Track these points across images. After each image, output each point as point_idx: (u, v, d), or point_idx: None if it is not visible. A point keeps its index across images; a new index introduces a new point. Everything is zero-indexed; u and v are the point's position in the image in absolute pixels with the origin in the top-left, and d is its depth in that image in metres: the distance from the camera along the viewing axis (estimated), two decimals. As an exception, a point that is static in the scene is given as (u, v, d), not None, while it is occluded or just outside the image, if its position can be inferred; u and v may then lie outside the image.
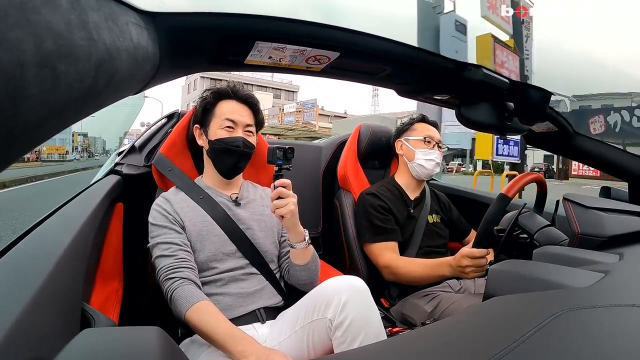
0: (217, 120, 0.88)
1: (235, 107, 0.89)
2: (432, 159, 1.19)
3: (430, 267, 1.02)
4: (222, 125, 0.87)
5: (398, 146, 1.27)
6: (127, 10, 0.33)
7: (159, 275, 0.77)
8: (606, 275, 0.50)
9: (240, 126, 0.88)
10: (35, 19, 0.19)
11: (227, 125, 0.87)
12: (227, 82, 0.92)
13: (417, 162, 1.20)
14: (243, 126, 0.89)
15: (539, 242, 0.83)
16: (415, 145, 1.22)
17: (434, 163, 1.19)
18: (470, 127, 0.79)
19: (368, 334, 0.68)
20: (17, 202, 6.83)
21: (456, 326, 0.45)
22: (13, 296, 0.37)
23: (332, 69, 0.62)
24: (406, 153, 1.24)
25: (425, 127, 1.25)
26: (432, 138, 1.22)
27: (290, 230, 0.84)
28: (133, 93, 0.40)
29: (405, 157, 1.24)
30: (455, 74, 0.66)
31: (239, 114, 0.89)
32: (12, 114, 0.18)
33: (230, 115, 0.88)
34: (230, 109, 0.89)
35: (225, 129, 0.87)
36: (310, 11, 30.60)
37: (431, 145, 1.21)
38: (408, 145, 1.23)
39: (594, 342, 0.35)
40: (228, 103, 0.90)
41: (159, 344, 0.34)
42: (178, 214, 0.84)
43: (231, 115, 0.88)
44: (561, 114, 0.89)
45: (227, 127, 0.87)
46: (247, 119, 0.90)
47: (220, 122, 0.88)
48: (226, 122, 0.87)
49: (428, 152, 1.20)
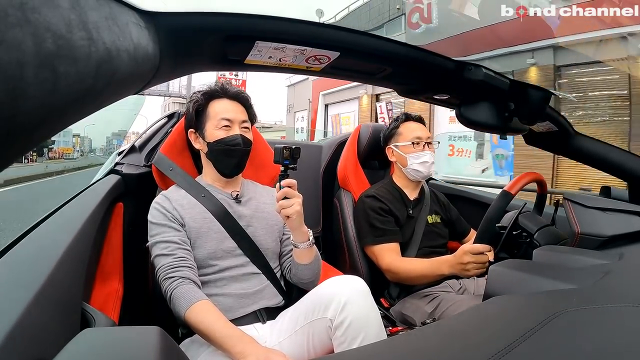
0: (212, 121, 0.87)
1: (228, 105, 0.89)
2: (426, 161, 1.18)
3: (429, 266, 1.02)
4: (219, 125, 0.86)
5: (389, 153, 1.26)
6: (127, 10, 0.33)
7: (158, 275, 0.77)
8: (606, 275, 0.50)
9: (236, 123, 0.88)
10: (35, 19, 0.19)
11: (224, 125, 0.86)
12: (215, 82, 0.91)
13: (411, 168, 1.19)
14: (239, 123, 0.88)
15: (539, 242, 0.83)
16: (405, 150, 1.20)
17: (428, 164, 1.18)
18: (470, 127, 0.79)
19: (368, 334, 0.68)
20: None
21: (456, 326, 0.45)
22: (13, 296, 0.37)
23: (332, 69, 0.62)
24: (399, 159, 1.23)
25: (410, 127, 1.22)
26: (421, 138, 1.19)
27: (295, 230, 0.84)
28: (133, 93, 0.40)
29: (398, 163, 1.23)
30: (455, 74, 0.66)
31: (234, 112, 0.88)
32: (12, 114, 0.18)
33: (225, 113, 0.87)
34: (224, 107, 0.88)
35: (222, 129, 0.86)
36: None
37: (421, 146, 1.19)
38: (399, 151, 1.21)
39: (594, 342, 0.35)
40: (220, 102, 0.89)
41: (159, 343, 0.34)
42: (177, 210, 0.84)
43: (226, 114, 0.87)
44: (561, 114, 0.89)
45: (224, 126, 0.86)
46: (241, 115, 0.89)
47: (216, 122, 0.87)
48: (222, 122, 0.86)
49: (419, 155, 1.18)
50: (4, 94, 0.17)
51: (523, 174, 0.93)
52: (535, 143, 1.04)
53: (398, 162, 1.23)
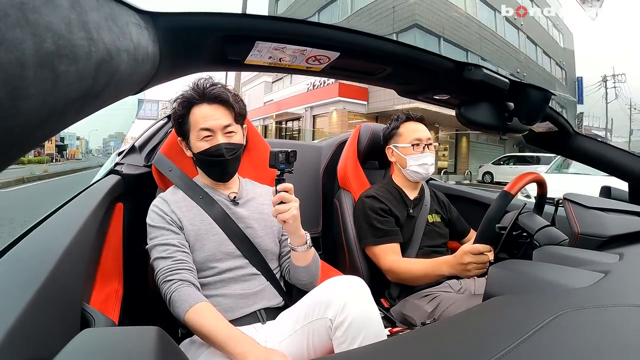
0: (194, 132, 0.84)
1: (207, 112, 0.83)
2: (425, 163, 1.17)
3: (429, 266, 1.02)
4: (200, 136, 0.83)
5: (389, 153, 1.25)
6: (127, 10, 0.33)
7: (157, 278, 0.77)
8: (606, 275, 0.50)
9: (218, 131, 0.83)
10: (35, 19, 0.19)
11: (205, 136, 0.83)
12: (192, 83, 0.85)
13: (410, 169, 1.19)
14: (221, 129, 0.83)
15: (539, 242, 0.82)
16: (405, 152, 1.19)
17: (427, 166, 1.17)
18: (470, 127, 0.79)
19: (368, 334, 0.68)
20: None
21: (456, 326, 0.45)
22: (13, 296, 0.37)
23: (333, 69, 0.62)
24: (398, 160, 1.23)
25: (411, 128, 1.21)
26: (421, 140, 1.19)
27: (292, 234, 0.84)
28: (133, 93, 0.40)
29: (398, 164, 1.23)
30: (455, 74, 0.66)
31: (213, 119, 0.83)
32: (12, 113, 0.18)
33: (204, 123, 0.82)
34: (203, 114, 0.83)
35: (204, 140, 0.83)
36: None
37: (421, 148, 1.18)
38: (398, 152, 1.21)
39: (594, 342, 0.35)
40: (199, 108, 0.83)
41: (158, 343, 0.34)
42: (176, 213, 0.84)
43: (205, 123, 0.82)
44: (561, 114, 0.89)
45: (205, 137, 0.83)
46: (223, 120, 0.83)
47: (197, 133, 0.83)
48: (203, 133, 0.82)
49: (418, 157, 1.18)
50: (5, 94, 0.17)
51: (523, 174, 0.93)
52: (535, 143, 1.04)
53: (398, 162, 1.23)
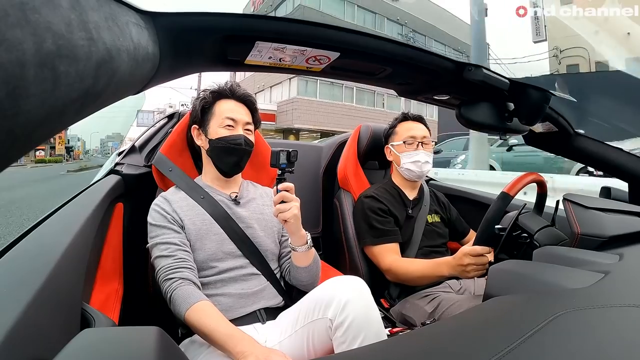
0: (216, 119, 0.89)
1: (234, 106, 0.90)
2: (418, 160, 1.18)
3: (429, 267, 1.02)
4: (223, 123, 0.88)
5: (387, 152, 1.27)
6: (127, 10, 0.33)
7: (158, 276, 0.77)
8: (606, 276, 0.50)
9: (240, 124, 0.89)
10: (35, 19, 0.19)
11: (228, 124, 0.88)
12: (225, 82, 0.93)
13: (404, 167, 1.20)
14: (243, 124, 0.90)
15: (539, 242, 0.82)
16: (399, 149, 1.21)
17: (420, 163, 1.18)
18: (470, 128, 0.79)
19: (368, 334, 0.68)
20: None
21: (456, 326, 0.45)
22: (13, 296, 0.37)
23: (333, 69, 0.62)
24: (394, 159, 1.24)
25: (406, 127, 1.22)
26: (414, 138, 1.19)
27: (293, 234, 0.84)
28: (133, 93, 0.40)
29: (394, 162, 1.25)
30: (455, 74, 0.66)
31: (239, 113, 0.90)
32: (12, 113, 0.18)
33: (230, 113, 0.88)
34: (230, 107, 0.90)
35: (225, 128, 0.88)
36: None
37: (414, 146, 1.19)
38: (394, 150, 1.23)
39: (594, 342, 0.35)
40: (227, 102, 0.90)
41: (158, 343, 0.34)
42: (177, 213, 0.84)
43: (231, 114, 0.88)
44: (561, 114, 0.89)
45: (227, 125, 0.88)
46: (246, 118, 0.91)
47: (221, 120, 0.88)
48: (227, 121, 0.88)
49: (411, 154, 1.18)
50: (5, 93, 0.17)
51: (523, 175, 0.93)
52: (535, 143, 1.04)
53: (394, 161, 1.25)
